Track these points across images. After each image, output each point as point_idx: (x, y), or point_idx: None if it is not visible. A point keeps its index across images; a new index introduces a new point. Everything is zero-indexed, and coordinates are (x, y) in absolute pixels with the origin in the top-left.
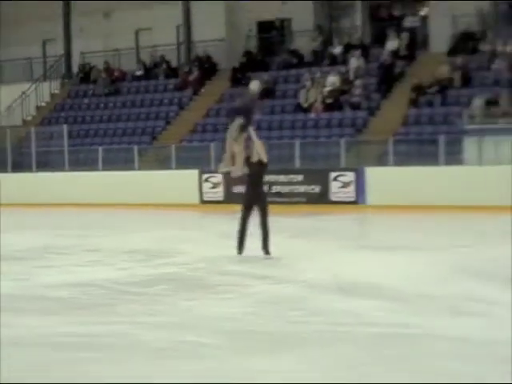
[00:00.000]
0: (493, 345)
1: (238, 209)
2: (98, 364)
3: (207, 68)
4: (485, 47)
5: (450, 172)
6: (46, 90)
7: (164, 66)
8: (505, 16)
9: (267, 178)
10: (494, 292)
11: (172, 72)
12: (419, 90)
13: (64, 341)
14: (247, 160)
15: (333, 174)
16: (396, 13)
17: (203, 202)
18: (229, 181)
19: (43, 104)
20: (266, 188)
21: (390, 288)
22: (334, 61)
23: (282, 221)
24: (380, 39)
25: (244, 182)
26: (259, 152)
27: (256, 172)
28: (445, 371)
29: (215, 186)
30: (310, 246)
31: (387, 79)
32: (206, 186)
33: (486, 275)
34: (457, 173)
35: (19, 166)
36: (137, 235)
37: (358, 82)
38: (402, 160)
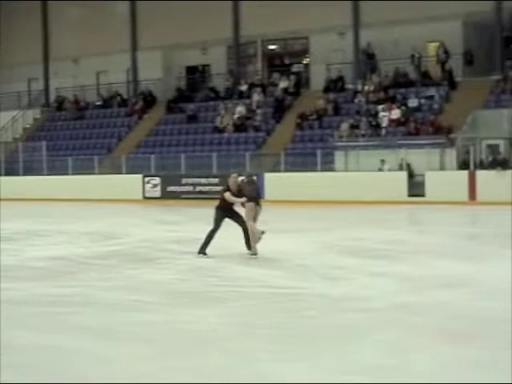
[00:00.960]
0: (351, 300)
1: (172, 203)
2: (69, 315)
3: (149, 100)
4: (349, 86)
5: (324, 176)
6: (30, 116)
7: (118, 98)
8: (364, 64)
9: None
10: (353, 262)
11: (123, 103)
12: (303, 117)
13: (43, 299)
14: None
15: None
16: (286, 61)
17: (145, 198)
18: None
19: (28, 126)
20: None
21: (280, 260)
22: (241, 95)
23: (202, 212)
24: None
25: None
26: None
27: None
28: (315, 318)
29: (154, 186)
30: (223, 230)
31: (280, 109)
32: (148, 186)
33: (347, 251)
34: (330, 177)
35: (10, 171)
36: (96, 222)
37: (258, 111)
38: (291, 168)
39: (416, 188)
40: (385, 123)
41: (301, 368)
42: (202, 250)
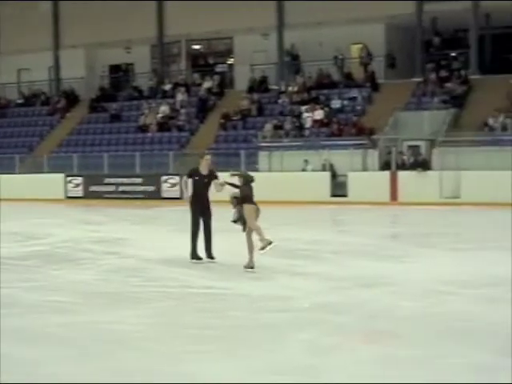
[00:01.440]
0: (274, 299)
1: (94, 203)
2: None
3: (71, 99)
4: (273, 87)
5: None
6: None
7: (41, 96)
8: (288, 65)
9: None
10: (276, 262)
11: (45, 101)
12: (227, 117)
13: None
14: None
15: (164, 178)
16: (210, 61)
17: (67, 197)
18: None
19: None
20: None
21: (203, 260)
22: (165, 95)
23: (125, 212)
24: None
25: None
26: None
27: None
28: (238, 318)
29: (77, 185)
30: (147, 230)
31: (204, 109)
32: (70, 185)
33: (270, 251)
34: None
35: None
36: (17, 222)
37: (182, 111)
38: (214, 168)
39: (339, 188)
40: (308, 124)
41: (225, 368)
42: (194, 256)
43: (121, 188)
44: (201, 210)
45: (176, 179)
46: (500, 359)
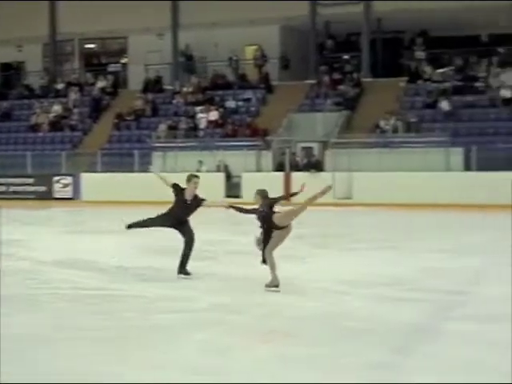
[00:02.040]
0: (171, 300)
1: None
2: None
3: None
4: (167, 87)
5: (142, 177)
6: None
7: None
8: (183, 66)
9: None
10: (173, 263)
11: None
12: (120, 117)
13: None
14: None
15: (56, 178)
16: (104, 61)
17: None
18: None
19: None
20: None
21: (97, 261)
22: (57, 94)
23: (17, 212)
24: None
25: None
26: None
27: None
28: (133, 319)
29: None
30: (39, 232)
31: (97, 109)
32: None
33: (167, 252)
34: (147, 178)
35: None
36: None
37: (75, 110)
38: (108, 168)
39: (233, 189)
40: (203, 125)
41: (122, 370)
42: (131, 227)
43: (12, 188)
44: (174, 224)
45: (68, 179)
46: (395, 357)
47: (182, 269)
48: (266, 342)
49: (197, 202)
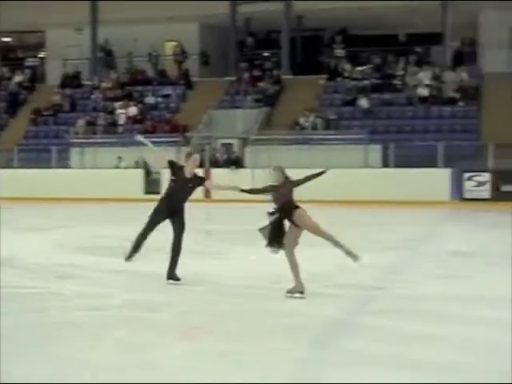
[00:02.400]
0: (88, 298)
1: None
2: None
3: None
4: (86, 83)
5: (60, 173)
6: None
7: None
8: (102, 61)
9: None
10: (90, 260)
11: None
12: (38, 112)
13: None
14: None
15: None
16: (21, 55)
17: None
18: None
19: None
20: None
21: (14, 259)
22: None
23: None
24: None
25: None
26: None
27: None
28: (51, 317)
29: None
30: None
31: (14, 104)
32: None
33: (84, 249)
34: (65, 174)
35: None
36: None
37: None
38: (24, 164)
39: (152, 185)
40: (122, 120)
41: (38, 367)
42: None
43: None
44: (169, 212)
45: None
46: (315, 352)
47: (172, 273)
48: (184, 339)
49: (198, 182)
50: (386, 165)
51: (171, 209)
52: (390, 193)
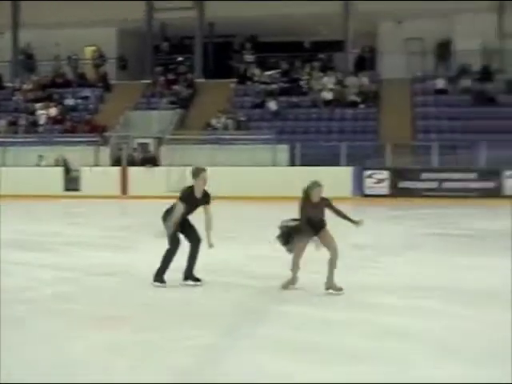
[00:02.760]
0: (10, 292)
1: None
2: None
3: None
4: (8, 84)
5: None
6: None
7: None
8: (23, 64)
9: None
10: (14, 256)
11: None
12: None
13: None
14: None
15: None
16: None
17: None
18: None
19: None
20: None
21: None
22: None
23: None
24: None
25: None
26: None
27: None
28: None
29: None
30: None
31: None
32: None
33: (4, 244)
34: None
35: None
36: None
37: None
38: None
39: (72, 183)
40: (42, 121)
41: None
42: (158, 277)
43: None
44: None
45: None
46: (226, 339)
47: (190, 274)
48: (100, 329)
49: (205, 201)
50: (292, 163)
51: (182, 227)
52: (297, 189)
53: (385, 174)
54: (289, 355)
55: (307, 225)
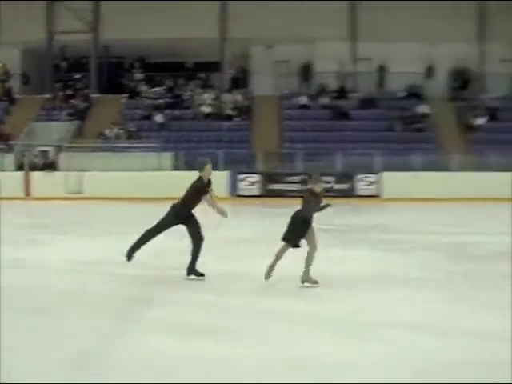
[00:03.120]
0: None
1: None
2: None
3: None
4: None
5: None
6: None
7: None
8: None
9: None
10: None
11: None
12: None
13: None
14: None
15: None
16: None
17: None
18: None
19: None
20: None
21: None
22: None
23: None
24: None
25: None
26: None
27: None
28: None
29: None
30: None
31: None
32: None
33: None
34: None
35: None
36: None
37: None
38: None
39: None
40: None
41: None
42: (131, 253)
43: None
44: (184, 218)
45: None
46: (120, 322)
47: (194, 269)
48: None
49: (208, 185)
50: (176, 168)
51: (187, 215)
52: (181, 191)
53: (256, 178)
54: (180, 336)
55: (305, 225)
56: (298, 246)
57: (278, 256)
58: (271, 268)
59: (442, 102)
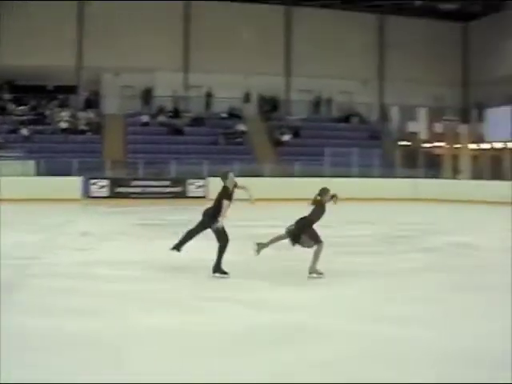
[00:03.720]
0: None
1: None
2: None
3: None
4: None
5: None
6: None
7: None
8: None
9: None
10: None
11: None
12: None
13: None
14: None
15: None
16: None
17: None
18: None
19: None
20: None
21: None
22: None
23: None
24: None
25: None
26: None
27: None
28: None
29: None
30: None
31: None
32: None
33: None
34: None
35: None
36: None
37: None
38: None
39: None
40: None
41: None
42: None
43: None
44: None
45: None
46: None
47: (219, 268)
48: None
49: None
50: (39, 174)
51: (211, 221)
52: (43, 194)
53: (105, 182)
54: (47, 315)
55: (308, 227)
56: (294, 245)
57: (273, 240)
58: (265, 245)
59: (256, 122)
